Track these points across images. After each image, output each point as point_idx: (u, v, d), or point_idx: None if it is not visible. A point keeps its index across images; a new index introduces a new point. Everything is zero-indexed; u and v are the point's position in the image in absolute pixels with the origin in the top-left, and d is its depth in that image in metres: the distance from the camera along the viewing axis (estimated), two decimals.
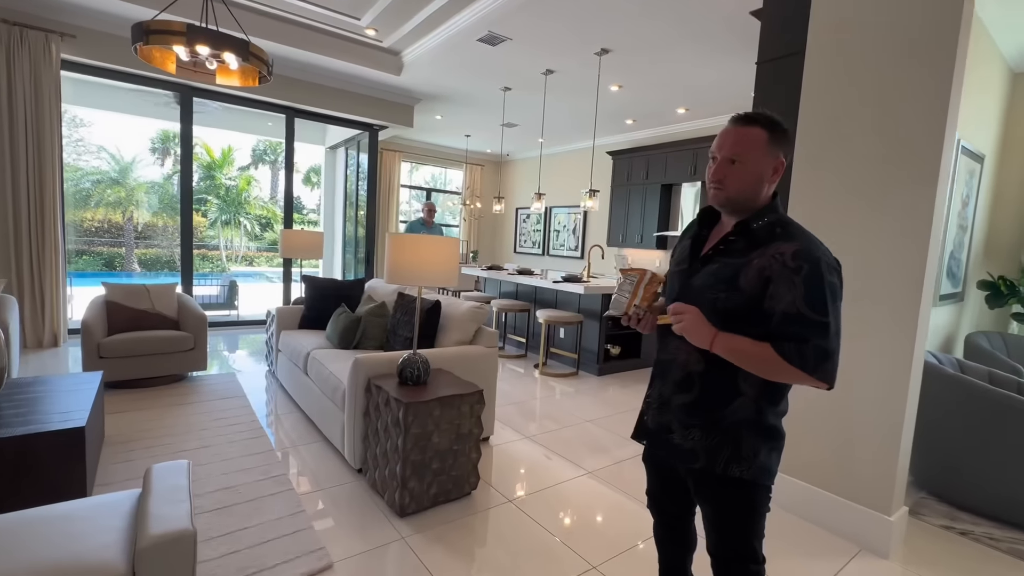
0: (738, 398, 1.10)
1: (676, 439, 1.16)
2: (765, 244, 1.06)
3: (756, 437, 1.11)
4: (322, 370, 2.82)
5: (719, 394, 1.11)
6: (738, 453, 1.10)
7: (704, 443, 1.12)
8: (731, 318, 1.05)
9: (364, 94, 6.05)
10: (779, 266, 1.01)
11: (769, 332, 1.02)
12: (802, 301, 0.98)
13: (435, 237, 2.28)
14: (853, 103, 2.11)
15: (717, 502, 1.16)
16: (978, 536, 2.21)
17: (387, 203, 8.73)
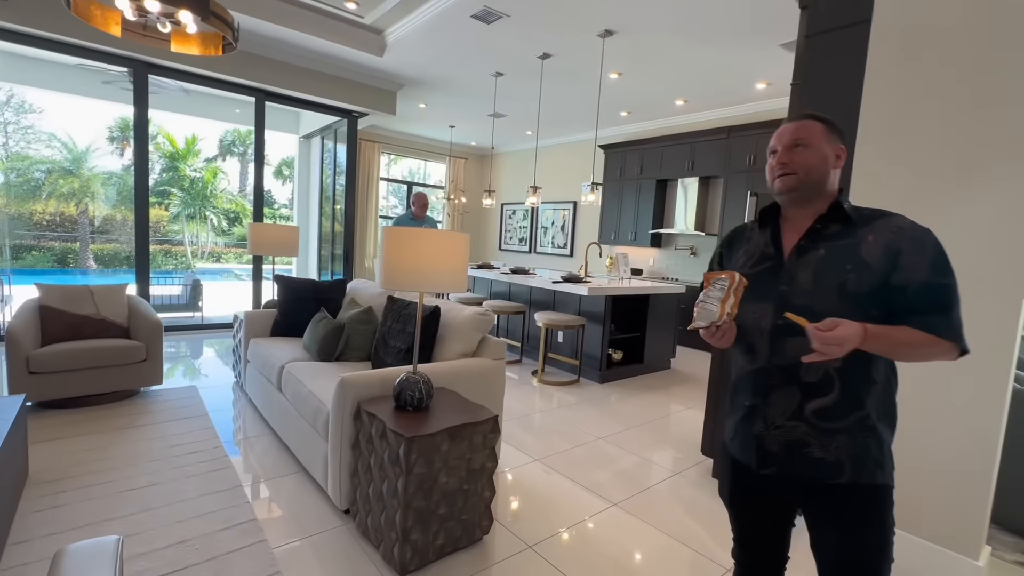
0: (873, 387, 1.02)
1: (817, 453, 1.02)
2: (868, 223, 1.03)
3: (887, 428, 1.04)
4: (300, 388, 2.40)
5: (859, 389, 1.01)
6: (881, 455, 1.03)
7: (851, 450, 1.01)
8: (857, 298, 0.98)
9: (342, 77, 5.57)
10: (905, 238, 0.98)
11: (903, 306, 0.97)
12: (931, 270, 0.96)
13: (440, 232, 1.89)
14: (938, 75, 1.81)
15: (857, 525, 1.02)
16: None
17: (366, 197, 8.23)
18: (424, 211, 5.00)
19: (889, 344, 0.96)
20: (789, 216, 1.12)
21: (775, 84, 5.08)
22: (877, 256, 0.98)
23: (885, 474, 1.03)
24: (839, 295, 0.99)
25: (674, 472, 2.69)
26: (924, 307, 0.96)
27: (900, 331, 0.96)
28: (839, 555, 1.04)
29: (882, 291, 0.98)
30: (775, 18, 3.67)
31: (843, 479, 1.01)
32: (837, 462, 1.01)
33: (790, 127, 1.08)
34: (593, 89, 5.46)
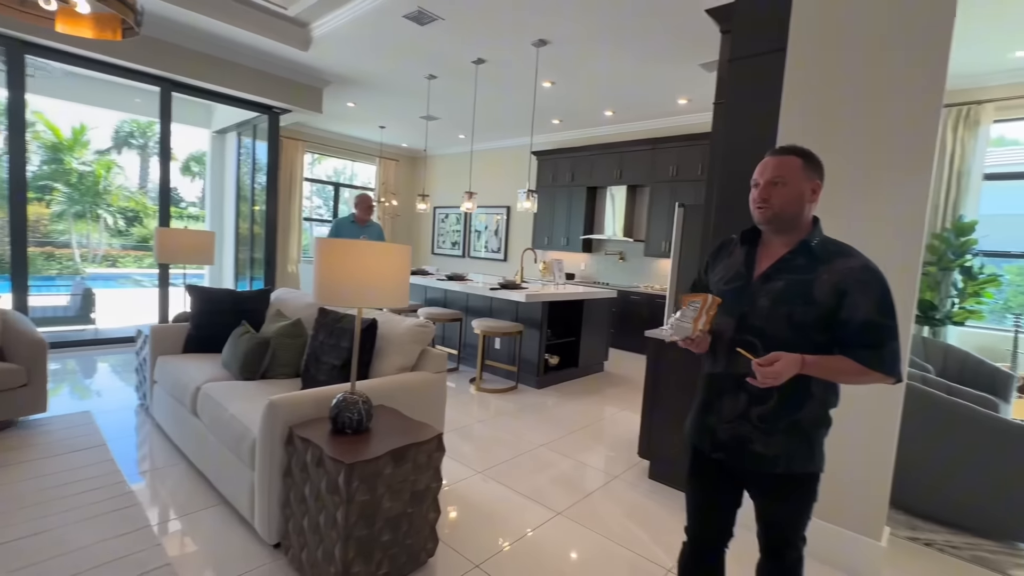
0: (810, 399, 1.19)
1: (758, 447, 1.21)
2: (827, 261, 1.16)
3: (821, 432, 1.22)
4: (220, 412, 2.18)
5: (795, 400, 1.18)
6: (811, 451, 1.21)
7: (786, 447, 1.19)
8: (804, 327, 1.15)
9: (263, 70, 5.20)
10: (852, 280, 1.12)
11: (843, 339, 1.14)
12: (875, 310, 1.11)
13: (380, 244, 1.80)
14: (839, 103, 2.00)
15: (788, 500, 1.25)
16: (942, 546, 2.23)
17: (288, 198, 7.76)
18: (368, 215, 4.48)
19: (826, 371, 1.14)
20: (767, 241, 1.27)
21: (695, 100, 5.42)
22: (825, 294, 1.14)
23: (814, 465, 1.22)
24: (788, 323, 1.16)
25: (613, 476, 2.76)
26: (860, 342, 1.12)
27: (836, 360, 1.13)
28: (771, 519, 1.28)
29: (827, 322, 1.14)
30: (695, 39, 3.91)
31: (778, 470, 1.20)
32: (774, 457, 1.20)
33: (772, 163, 1.21)
34: (527, 96, 5.52)
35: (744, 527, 1.35)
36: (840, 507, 2.02)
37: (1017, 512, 2.26)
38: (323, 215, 9.60)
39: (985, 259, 4.35)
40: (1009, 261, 4.57)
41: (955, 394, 2.75)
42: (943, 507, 2.42)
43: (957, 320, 4.24)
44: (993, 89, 4.23)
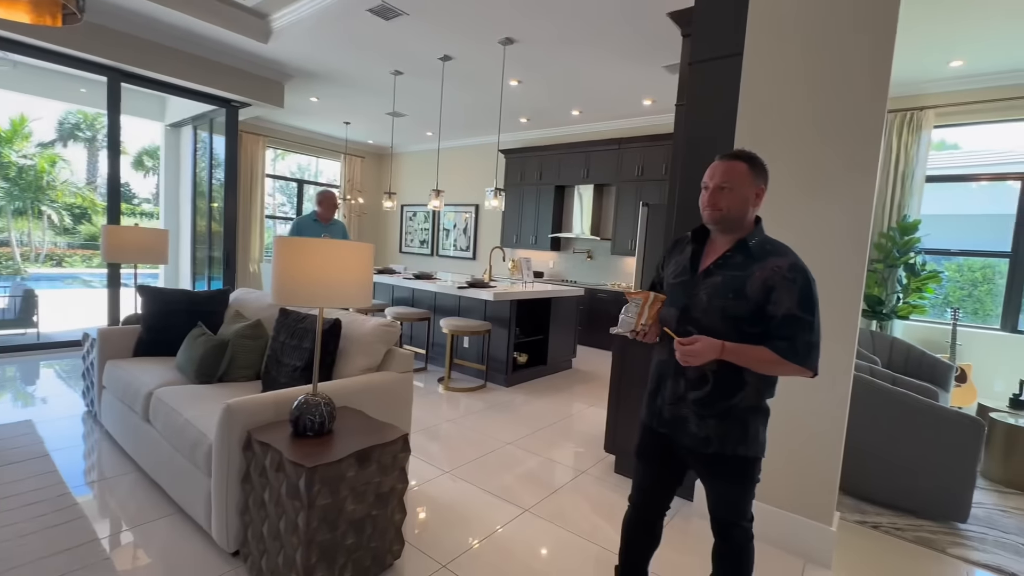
0: (744, 388, 1.29)
1: (692, 428, 1.33)
2: (762, 259, 1.26)
3: (756, 419, 1.32)
4: (174, 418, 2.09)
5: (729, 387, 1.29)
6: (745, 435, 1.30)
7: (718, 430, 1.30)
8: (737, 320, 1.25)
9: (219, 62, 5.01)
10: (779, 277, 1.22)
11: (767, 332, 1.23)
12: (796, 305, 1.21)
13: (341, 243, 1.76)
14: (792, 106, 2.08)
15: (726, 479, 1.35)
16: (887, 528, 2.36)
17: (249, 195, 7.50)
18: (332, 212, 4.28)
19: (746, 359, 1.24)
20: (713, 239, 1.38)
21: (659, 101, 5.53)
22: (755, 290, 1.24)
23: (747, 449, 1.31)
24: (722, 316, 1.27)
25: (580, 471, 2.79)
26: (779, 334, 1.22)
27: (756, 350, 1.23)
28: (713, 496, 1.39)
29: (758, 316, 1.24)
30: (659, 41, 3.99)
31: (710, 450, 1.32)
32: (706, 438, 1.32)
33: (720, 168, 1.30)
34: (494, 94, 5.51)
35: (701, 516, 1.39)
36: (793, 495, 2.11)
37: (954, 494, 2.41)
38: (287, 212, 9.34)
39: (927, 256, 4.62)
40: (948, 258, 4.87)
41: (899, 384, 2.91)
42: (889, 491, 2.56)
43: (902, 314, 4.49)
44: (934, 96, 4.49)
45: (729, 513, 1.38)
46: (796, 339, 1.20)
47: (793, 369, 1.22)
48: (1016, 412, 3.20)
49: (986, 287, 4.85)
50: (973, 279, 4.95)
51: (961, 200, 5.10)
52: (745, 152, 1.31)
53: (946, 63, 4.07)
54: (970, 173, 4.84)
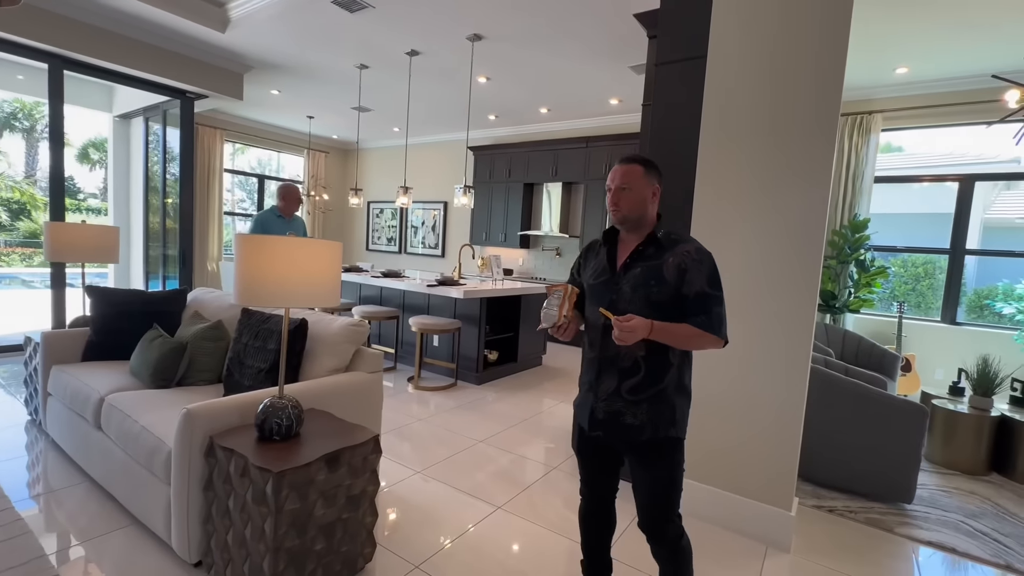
0: (670, 369, 1.39)
1: (628, 419, 1.40)
2: (671, 247, 1.39)
3: (681, 399, 1.42)
4: (129, 424, 1.99)
5: (658, 371, 1.38)
6: (673, 416, 1.40)
7: (650, 415, 1.38)
8: (660, 305, 1.36)
9: (173, 51, 4.78)
10: (690, 260, 1.36)
11: (684, 311, 1.35)
12: (706, 283, 1.34)
13: (307, 240, 1.72)
14: (752, 109, 2.15)
15: (656, 465, 1.41)
16: (842, 511, 2.49)
17: (207, 190, 7.20)
18: (295, 207, 4.08)
19: (671, 335, 1.32)
20: (623, 238, 1.48)
21: (626, 101, 5.62)
22: (672, 274, 1.35)
23: (676, 430, 1.41)
24: (647, 303, 1.36)
25: (552, 467, 2.82)
26: (697, 310, 1.33)
27: (679, 327, 1.33)
28: (645, 484, 1.44)
29: (677, 299, 1.35)
30: (626, 42, 4.05)
31: (645, 436, 1.38)
32: (641, 425, 1.39)
33: (619, 172, 1.42)
34: (463, 91, 5.48)
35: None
36: (753, 482, 2.19)
37: (901, 477, 2.56)
38: (247, 209, 9.02)
39: (875, 253, 4.88)
40: (895, 255, 5.16)
41: (852, 375, 3.06)
42: (843, 476, 2.70)
43: (853, 308, 4.73)
44: (881, 101, 4.73)
45: (660, 510, 1.43)
46: (711, 313, 1.33)
47: (710, 340, 1.33)
48: (955, 399, 3.42)
49: (928, 282, 5.17)
50: (916, 274, 5.27)
51: (905, 200, 5.41)
52: (640, 156, 1.45)
53: (893, 69, 4.30)
54: (914, 175, 5.14)
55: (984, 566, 2.13)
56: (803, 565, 2.04)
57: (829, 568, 2.03)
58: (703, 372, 2.30)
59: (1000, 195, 5.63)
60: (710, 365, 2.27)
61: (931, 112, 4.55)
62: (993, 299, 4.45)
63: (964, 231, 4.67)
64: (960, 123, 4.50)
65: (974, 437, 3.08)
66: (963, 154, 5.19)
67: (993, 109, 4.07)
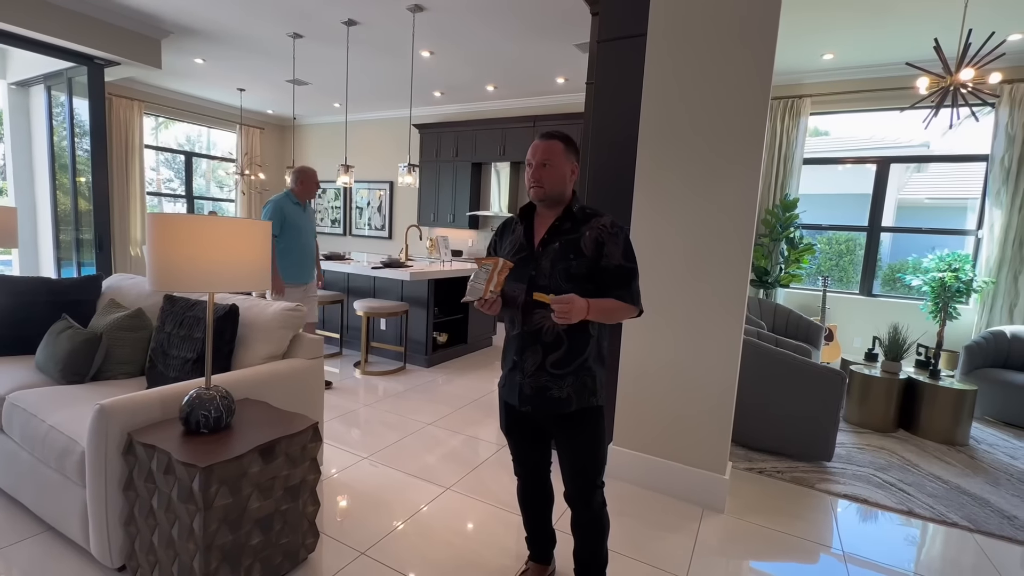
0: (591, 340, 1.43)
1: (555, 393, 1.42)
2: (586, 221, 1.43)
3: (600, 367, 1.47)
4: (35, 425, 1.82)
5: (579, 343, 1.41)
6: (595, 385, 1.45)
7: (575, 387, 1.42)
8: (579, 278, 1.38)
9: (77, 11, 4.29)
10: (607, 233, 1.39)
11: (604, 283, 1.38)
12: (622, 256, 1.39)
13: (231, 219, 1.60)
14: (689, 90, 2.19)
15: (581, 434, 1.44)
16: (770, 472, 2.67)
17: (126, 168, 6.61)
18: (314, 192, 3.62)
19: (603, 311, 1.36)
20: (541, 213, 1.50)
21: (572, 80, 5.61)
22: (590, 248, 1.39)
23: (598, 399, 1.46)
24: (566, 277, 1.38)
25: (501, 445, 2.85)
26: (617, 283, 1.38)
27: (606, 301, 1.36)
28: (571, 455, 1.47)
29: (594, 272, 1.39)
30: (570, 19, 4.02)
31: (572, 408, 1.42)
32: (568, 397, 1.42)
33: (541, 146, 1.43)
34: (405, 65, 5.27)
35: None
36: (690, 449, 2.31)
37: (822, 438, 2.77)
38: (175, 189, 8.36)
39: (804, 231, 5.19)
40: (821, 232, 5.50)
41: (781, 345, 3.26)
42: (772, 439, 2.89)
43: (783, 283, 5.02)
44: (810, 86, 4.97)
45: (587, 477, 1.46)
46: (630, 287, 1.39)
47: (629, 311, 1.40)
48: (870, 364, 3.73)
49: (849, 257, 5.56)
50: (839, 251, 5.65)
51: (831, 181, 5.77)
52: (560, 132, 1.46)
53: (820, 55, 4.51)
54: (838, 157, 5.47)
55: (891, 513, 2.36)
56: (736, 524, 2.18)
57: (759, 525, 2.18)
58: (642, 346, 2.37)
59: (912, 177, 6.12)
60: (651, 339, 2.34)
61: (854, 97, 4.83)
62: (904, 272, 4.86)
63: (880, 210, 5.04)
64: (879, 108, 4.82)
65: (885, 398, 3.37)
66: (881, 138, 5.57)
67: (907, 95, 4.37)
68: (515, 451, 1.63)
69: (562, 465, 1.50)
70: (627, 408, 2.44)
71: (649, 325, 2.34)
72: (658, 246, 2.30)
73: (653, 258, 2.31)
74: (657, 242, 2.30)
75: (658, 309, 2.31)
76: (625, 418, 2.45)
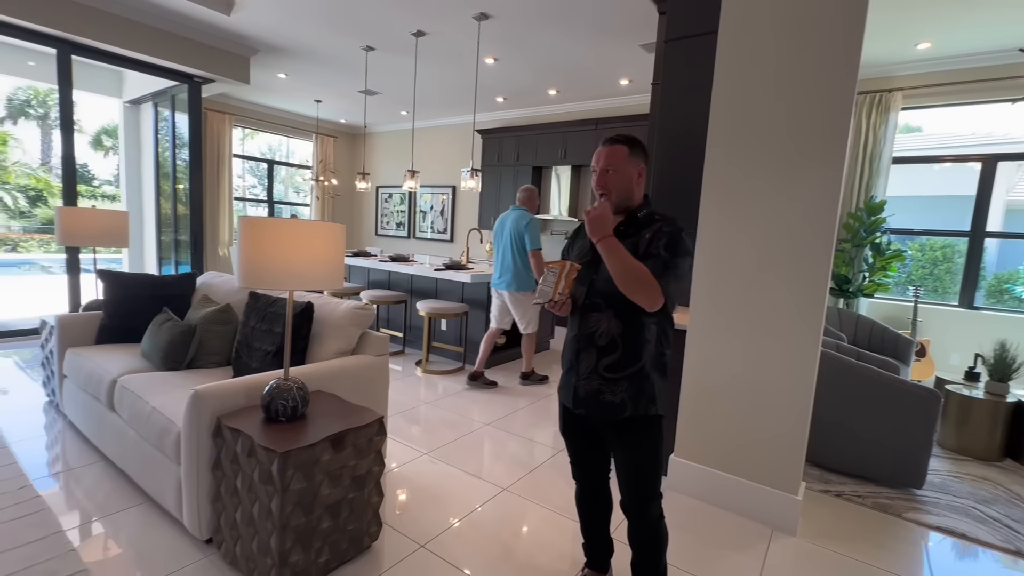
0: (646, 346, 1.39)
1: (608, 397, 1.40)
2: (649, 225, 1.41)
3: (659, 375, 1.42)
4: (140, 406, 2.03)
5: (635, 347, 1.38)
6: (652, 393, 1.40)
7: (630, 392, 1.38)
8: None
9: (180, 34, 4.76)
10: (659, 234, 1.37)
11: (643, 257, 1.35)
12: (664, 247, 1.34)
13: (309, 222, 1.71)
14: (764, 86, 2.09)
15: (637, 443, 1.41)
16: (849, 496, 2.47)
17: (216, 176, 7.24)
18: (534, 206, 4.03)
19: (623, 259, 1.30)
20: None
21: (636, 81, 5.50)
22: (642, 252, 1.36)
23: (656, 407, 1.40)
24: None
25: (558, 450, 2.83)
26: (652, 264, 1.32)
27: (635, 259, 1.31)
28: (626, 463, 1.44)
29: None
30: (636, 19, 3.95)
31: (626, 414, 1.38)
32: (622, 403, 1.39)
33: (603, 153, 1.43)
34: (470, 72, 5.40)
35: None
36: (759, 465, 2.18)
37: (911, 463, 2.53)
38: (258, 195, 9.05)
39: (892, 236, 4.77)
40: (912, 238, 5.03)
41: (864, 359, 3.01)
42: (852, 461, 2.67)
43: (867, 292, 4.64)
44: (902, 78, 4.57)
45: (642, 487, 1.43)
46: (664, 269, 1.31)
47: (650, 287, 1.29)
48: (970, 384, 3.36)
49: (946, 266, 5.04)
50: (934, 258, 5.14)
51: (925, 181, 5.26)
52: (625, 136, 1.44)
53: (914, 45, 4.14)
54: (934, 155, 4.98)
55: (994, 551, 2.11)
56: (810, 549, 2.04)
57: (836, 552, 2.02)
58: (708, 353, 2.28)
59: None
60: (717, 346, 2.25)
61: (954, 89, 4.38)
62: (1014, 283, 4.34)
63: (985, 213, 4.53)
64: (984, 100, 4.34)
65: (989, 423, 3.02)
66: (987, 133, 5.01)
67: (1019, 85, 3.91)
68: (572, 454, 1.62)
69: (618, 473, 1.48)
70: (690, 418, 2.36)
71: (715, 331, 2.25)
72: (727, 249, 2.21)
73: (720, 262, 2.22)
74: (726, 244, 2.21)
75: (725, 315, 2.21)
76: (687, 428, 2.37)
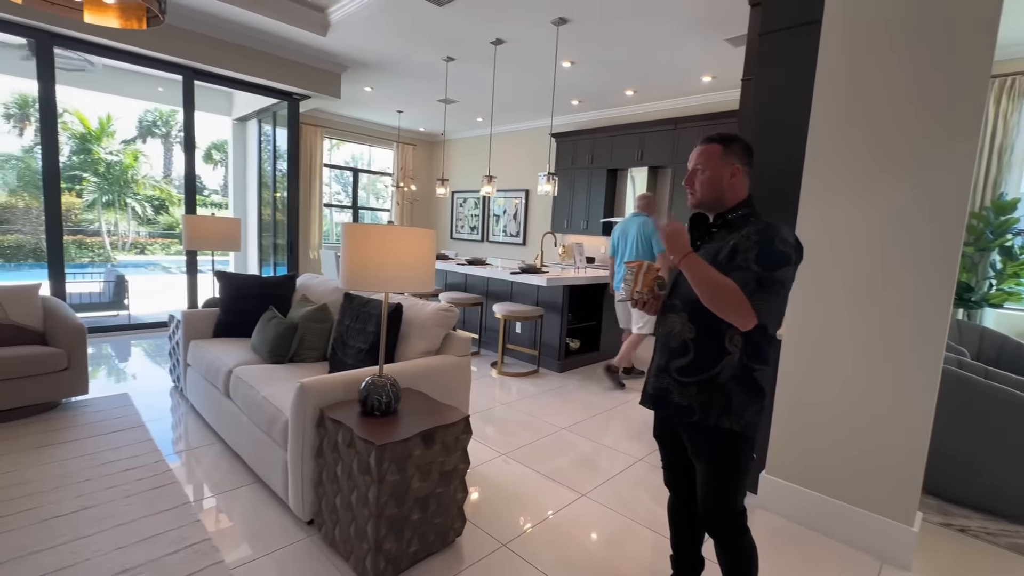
0: (726, 356, 1.29)
1: (675, 398, 1.36)
2: (739, 228, 1.32)
3: (744, 393, 1.29)
4: (252, 394, 2.24)
5: (710, 356, 1.31)
6: (729, 407, 1.29)
7: (700, 398, 1.31)
8: None
9: (282, 56, 5.21)
10: (745, 242, 1.25)
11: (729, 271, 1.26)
12: (755, 260, 1.22)
13: (404, 228, 1.81)
14: (876, 72, 1.91)
15: (710, 456, 1.34)
16: (976, 532, 2.19)
17: (308, 184, 7.82)
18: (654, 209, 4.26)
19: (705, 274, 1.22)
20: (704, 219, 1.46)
21: (720, 77, 5.25)
22: (725, 256, 1.28)
23: (732, 422, 1.29)
24: None
25: (637, 458, 2.76)
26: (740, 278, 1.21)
27: (716, 274, 1.22)
28: (701, 475, 1.38)
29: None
30: (723, 13, 3.77)
31: (694, 419, 1.32)
32: (690, 406, 1.33)
33: (696, 152, 1.39)
34: (546, 77, 5.43)
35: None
36: (871, 491, 1.99)
37: None
38: (342, 201, 9.68)
39: None
40: None
41: (992, 378, 2.66)
42: (978, 493, 2.37)
43: (995, 302, 4.09)
44: None
45: (717, 502, 1.35)
46: (755, 286, 1.20)
47: (739, 303, 1.19)
48: None
49: None
50: None
51: None
52: (722, 134, 1.38)
53: None
54: None
55: None
56: None
57: None
58: (806, 365, 2.12)
59: None
60: (818, 358, 2.09)
61: None
62: None
63: None
64: None
65: None
66: None
67: None
68: (663, 458, 1.59)
69: (697, 484, 1.42)
70: (783, 434, 2.20)
71: (816, 341, 2.09)
72: (829, 252, 2.04)
73: (819, 269, 2.06)
74: (828, 247, 2.04)
75: (828, 324, 2.05)
76: (781, 445, 2.22)
